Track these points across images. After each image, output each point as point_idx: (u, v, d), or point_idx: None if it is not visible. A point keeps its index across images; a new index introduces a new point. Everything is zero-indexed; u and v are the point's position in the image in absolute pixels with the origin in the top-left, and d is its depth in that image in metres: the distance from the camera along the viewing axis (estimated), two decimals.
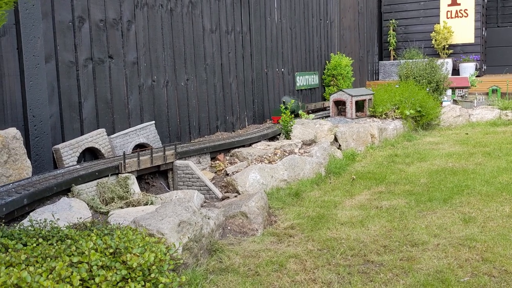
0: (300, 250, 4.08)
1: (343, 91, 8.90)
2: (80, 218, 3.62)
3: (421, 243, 4.07)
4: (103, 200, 4.55)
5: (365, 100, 9.13)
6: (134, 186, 4.90)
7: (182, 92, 7.06)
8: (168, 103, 6.79)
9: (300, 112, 8.66)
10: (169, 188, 5.77)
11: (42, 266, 2.18)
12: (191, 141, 7.10)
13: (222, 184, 5.85)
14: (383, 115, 9.13)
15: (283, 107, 7.66)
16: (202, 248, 4.14)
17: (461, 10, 14.65)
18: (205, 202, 5.40)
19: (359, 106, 9.19)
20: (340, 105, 9.13)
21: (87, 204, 4.20)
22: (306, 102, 10.49)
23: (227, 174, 5.94)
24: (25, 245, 2.71)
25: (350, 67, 11.40)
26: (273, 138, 7.46)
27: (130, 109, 6.16)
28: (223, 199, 5.49)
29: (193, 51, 7.25)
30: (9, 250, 2.62)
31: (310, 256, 3.95)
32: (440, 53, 14.56)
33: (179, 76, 6.98)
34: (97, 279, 2.14)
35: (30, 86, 4.85)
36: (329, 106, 9.35)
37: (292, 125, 7.12)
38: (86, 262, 2.22)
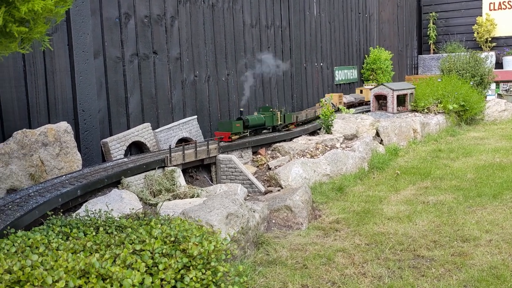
0: (347, 244, 4.05)
1: (384, 85, 8.77)
2: (132, 209, 3.71)
3: (472, 239, 3.98)
4: (151, 193, 4.63)
5: (406, 94, 8.97)
6: (180, 179, 4.97)
7: (223, 87, 7.10)
8: (209, 98, 6.84)
9: (340, 107, 8.58)
10: (212, 182, 5.83)
11: (105, 254, 2.25)
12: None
13: (264, 178, 5.87)
14: (425, 110, 8.95)
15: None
16: (248, 240, 4.16)
17: (505, 2, 14.18)
18: (248, 196, 5.43)
19: (400, 100, 9.03)
20: (380, 99, 9.00)
21: (137, 196, 4.29)
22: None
23: (269, 168, 5.95)
24: (84, 234, 2.79)
25: (390, 61, 11.22)
26: (313, 133, 7.43)
27: (174, 104, 6.24)
28: (265, 193, 5.51)
29: (234, 46, 7.28)
30: (70, 238, 2.70)
31: (358, 250, 3.92)
32: (482, 46, 14.15)
33: (220, 71, 7.03)
34: (160, 266, 2.18)
35: (80, 81, 4.98)
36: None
37: (333, 120, 7.06)
38: (148, 250, 2.27)
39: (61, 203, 3.67)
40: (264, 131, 6.61)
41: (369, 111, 9.01)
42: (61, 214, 3.29)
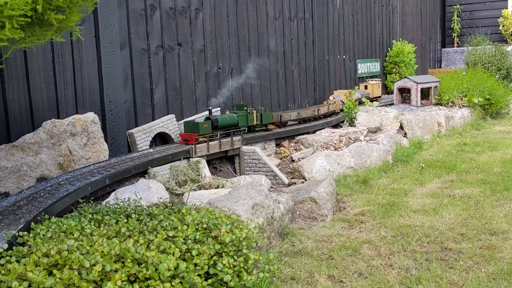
0: (373, 236, 4.04)
1: (408, 78, 8.67)
2: (160, 198, 3.75)
3: (501, 232, 3.93)
4: (176, 183, 4.67)
5: (430, 87, 8.85)
6: (205, 170, 5.00)
7: (246, 79, 7.11)
8: (232, 90, 6.86)
9: (363, 99, 8.51)
10: (235, 173, 5.85)
11: (139, 239, 2.28)
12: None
13: (288, 170, 5.87)
14: (450, 103, 8.82)
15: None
16: (273, 231, 4.18)
17: None
18: (271, 187, 5.44)
19: (424, 93, 8.92)
20: (404, 92, 8.90)
21: (163, 186, 4.34)
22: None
23: (293, 161, 5.95)
24: (116, 221, 2.84)
25: (413, 54, 11.09)
26: (336, 125, 7.39)
27: (197, 96, 6.27)
28: (289, 185, 5.52)
29: (257, 38, 7.27)
30: (102, 224, 2.75)
31: (384, 242, 3.90)
32: (508, 39, 13.86)
33: (243, 63, 7.04)
34: (194, 252, 2.21)
35: (107, 72, 5.04)
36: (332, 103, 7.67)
37: (356, 113, 7.02)
38: (181, 236, 2.30)
39: (90, 191, 3.73)
40: (238, 132, 5.75)
41: (392, 104, 8.92)
42: (92, 202, 3.34)
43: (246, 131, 5.95)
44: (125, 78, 5.32)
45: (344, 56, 9.61)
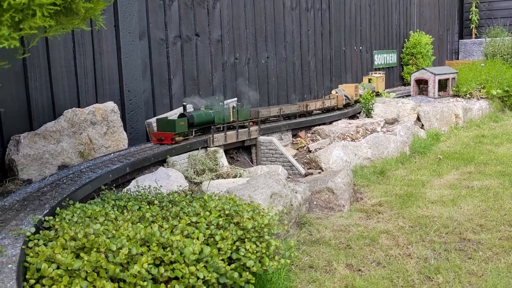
0: (391, 226, 4.04)
1: (425, 70, 8.60)
2: (180, 186, 3.79)
3: None
4: (195, 172, 4.72)
5: (448, 79, 8.77)
6: (223, 159, 5.04)
7: (263, 70, 7.11)
8: (249, 81, 6.87)
9: (380, 91, 8.46)
10: (252, 163, 5.88)
11: (163, 225, 2.32)
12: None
13: (305, 160, 5.88)
14: (467, 95, 8.73)
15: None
16: (291, 220, 4.21)
17: None
18: (288, 177, 5.46)
19: (442, 85, 8.85)
20: (421, 84, 8.83)
21: (182, 174, 4.38)
22: (384, 81, 10.24)
23: (310, 151, 5.96)
24: (138, 207, 2.88)
25: (430, 46, 10.97)
26: (353, 116, 7.37)
27: (214, 86, 6.30)
28: (306, 175, 5.53)
29: (274, 28, 7.26)
30: (125, 210, 2.80)
31: (402, 232, 3.90)
32: None
33: (260, 54, 7.04)
34: (217, 237, 2.25)
35: (126, 62, 5.09)
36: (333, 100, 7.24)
37: (373, 104, 6.99)
38: (204, 222, 2.34)
39: (111, 179, 3.78)
40: (213, 128, 5.19)
41: (409, 95, 8.86)
42: (113, 189, 3.40)
43: (221, 129, 5.34)
44: (144, 68, 5.36)
45: (360, 47, 9.55)
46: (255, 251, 2.30)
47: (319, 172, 5.45)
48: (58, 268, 2.05)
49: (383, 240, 3.77)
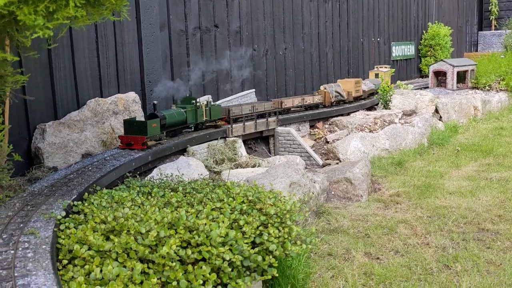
0: (409, 216, 4.08)
1: (444, 61, 8.55)
2: (201, 174, 3.87)
3: None
4: (214, 161, 4.79)
5: (467, 71, 8.71)
6: (241, 149, 5.11)
7: (280, 61, 7.15)
8: (267, 72, 6.91)
9: (398, 82, 8.43)
10: (270, 153, 5.94)
11: (188, 210, 2.40)
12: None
13: (322, 151, 5.92)
14: (486, 87, 8.66)
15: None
16: (310, 209, 4.26)
17: None
18: (305, 168, 5.51)
19: (460, 77, 8.78)
20: (440, 75, 8.78)
21: (202, 163, 4.46)
22: (402, 73, 10.19)
23: (327, 142, 5.99)
24: (162, 194, 2.96)
25: (449, 37, 10.87)
26: (370, 108, 7.37)
27: (233, 77, 6.35)
28: (323, 165, 5.57)
29: (292, 20, 7.28)
30: (149, 197, 2.88)
31: (420, 222, 3.94)
32: None
33: (278, 45, 7.07)
34: (241, 222, 2.32)
35: (147, 53, 5.16)
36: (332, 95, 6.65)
37: (391, 95, 6.99)
38: (228, 208, 2.41)
39: (134, 167, 3.87)
40: (186, 130, 4.88)
41: (427, 87, 8.82)
42: (137, 176, 3.48)
43: (192, 129, 4.94)
44: (164, 59, 5.44)
45: (378, 39, 9.51)
46: (277, 236, 2.36)
47: (337, 163, 5.49)
48: (89, 249, 2.13)
49: (401, 229, 3.81)
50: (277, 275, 2.30)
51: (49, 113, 4.42)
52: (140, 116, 4.96)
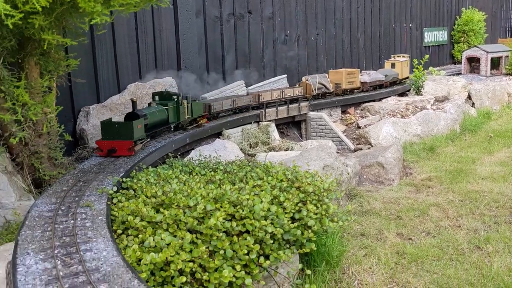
0: (440, 199, 4.14)
1: (477, 47, 8.44)
2: (237, 156, 4.01)
3: None
4: (248, 144, 4.94)
5: (501, 57, 8.58)
6: (275, 133, 5.23)
7: (312, 47, 7.21)
8: (298, 57, 6.99)
9: (430, 68, 8.39)
10: (301, 138, 6.05)
11: (231, 186, 2.55)
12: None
13: (354, 136, 6.00)
14: None
15: None
16: (342, 191, 4.37)
17: None
18: (337, 152, 5.60)
19: (494, 63, 8.67)
20: (473, 62, 8.68)
21: (237, 146, 4.61)
22: (434, 59, 10.09)
23: (359, 127, 6.06)
24: (204, 173, 3.12)
25: (483, 23, 10.68)
26: (402, 94, 7.38)
27: (265, 62, 6.46)
28: (355, 150, 5.65)
29: (324, 5, 7.31)
30: (192, 174, 3.04)
31: (451, 205, 4.00)
32: None
33: (310, 31, 7.12)
34: (281, 198, 2.45)
35: (183, 39, 5.32)
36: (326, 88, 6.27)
37: (423, 81, 6.98)
38: (269, 185, 2.54)
39: (173, 148, 4.04)
40: (166, 131, 4.22)
41: (460, 73, 8.74)
42: (178, 157, 3.65)
43: (172, 130, 4.30)
44: (200, 45, 5.58)
45: (410, 24, 9.44)
46: (315, 213, 2.49)
47: (368, 148, 5.56)
48: (142, 220, 2.30)
49: (433, 212, 3.89)
50: (315, 248, 2.43)
51: (92, 96, 4.63)
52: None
